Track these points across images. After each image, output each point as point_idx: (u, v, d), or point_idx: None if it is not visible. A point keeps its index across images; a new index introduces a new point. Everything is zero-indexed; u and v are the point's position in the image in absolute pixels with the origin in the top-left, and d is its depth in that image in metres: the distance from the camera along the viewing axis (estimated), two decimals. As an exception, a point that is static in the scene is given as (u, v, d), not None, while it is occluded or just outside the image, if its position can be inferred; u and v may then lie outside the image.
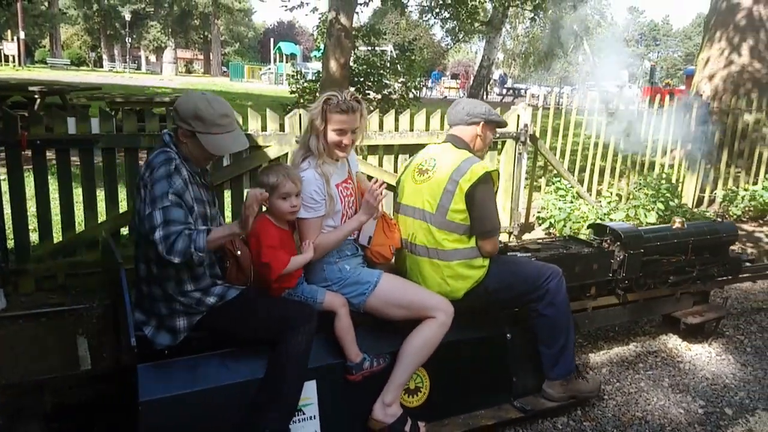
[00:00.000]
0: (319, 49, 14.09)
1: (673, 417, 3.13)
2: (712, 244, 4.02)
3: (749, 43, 7.84)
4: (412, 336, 2.65)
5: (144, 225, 2.13)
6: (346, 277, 2.65)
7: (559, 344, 2.97)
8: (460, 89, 33.35)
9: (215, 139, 2.28)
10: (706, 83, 8.24)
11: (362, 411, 2.60)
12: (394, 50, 14.48)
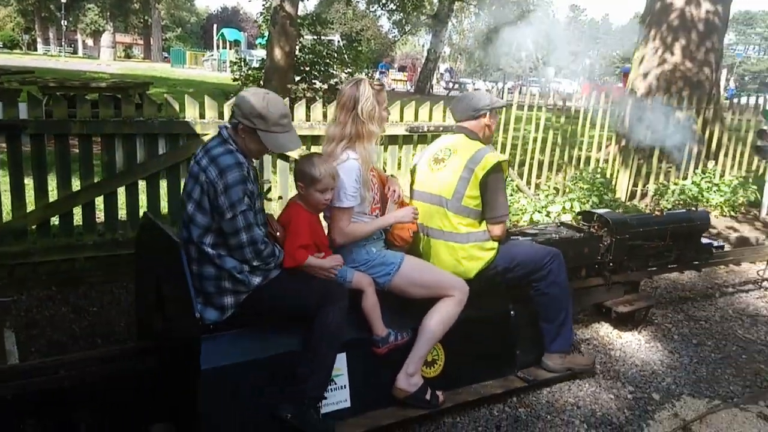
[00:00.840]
0: (264, 37, 13.86)
1: (603, 402, 3.24)
2: (687, 231, 4.32)
3: (681, 43, 8.16)
4: (432, 313, 2.88)
5: (217, 221, 2.40)
6: (372, 258, 2.85)
7: (559, 320, 3.26)
8: (407, 81, 33.46)
9: (275, 137, 2.47)
10: (641, 81, 8.53)
11: (387, 381, 2.82)
12: (342, 40, 14.40)
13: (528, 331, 3.31)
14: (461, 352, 3.06)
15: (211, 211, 2.41)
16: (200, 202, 2.42)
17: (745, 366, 3.79)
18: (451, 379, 3.03)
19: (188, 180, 2.49)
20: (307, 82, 11.57)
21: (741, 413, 3.20)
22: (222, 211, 2.38)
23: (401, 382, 2.83)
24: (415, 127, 5.22)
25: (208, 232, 2.44)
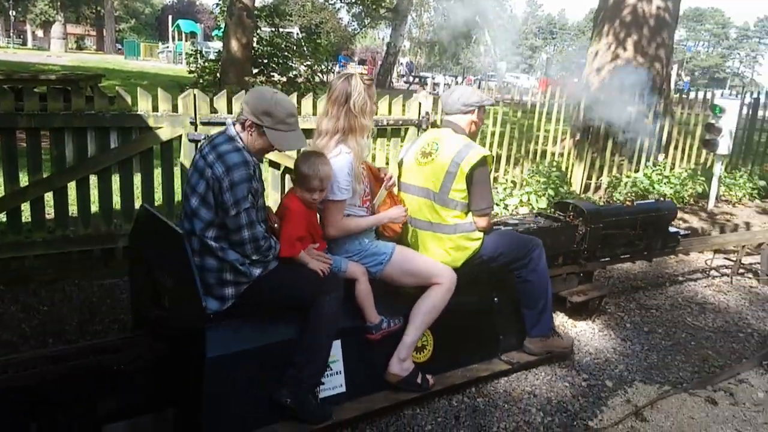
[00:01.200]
0: (221, 28, 13.61)
1: (558, 390, 3.31)
2: (656, 220, 4.52)
3: (633, 38, 8.38)
4: (422, 300, 3.03)
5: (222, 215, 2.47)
6: (365, 248, 2.97)
7: (540, 306, 3.43)
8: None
9: (281, 135, 2.54)
10: (595, 76, 8.72)
11: (380, 366, 2.96)
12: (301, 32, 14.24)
13: (510, 318, 3.50)
14: (449, 338, 3.21)
15: (216, 206, 2.49)
16: (205, 197, 2.49)
17: (694, 352, 3.92)
18: (439, 364, 3.19)
19: (192, 174, 2.56)
20: (266, 74, 11.41)
21: (690, 398, 3.31)
22: (227, 207, 2.46)
23: (394, 367, 2.96)
24: (375, 120, 5.21)
25: (211, 226, 2.52)
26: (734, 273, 5.34)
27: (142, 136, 4.25)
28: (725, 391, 3.42)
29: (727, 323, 4.42)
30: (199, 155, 2.57)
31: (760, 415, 3.18)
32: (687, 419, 3.11)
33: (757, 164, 9.00)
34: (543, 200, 6.21)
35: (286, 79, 11.49)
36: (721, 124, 6.52)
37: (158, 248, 2.77)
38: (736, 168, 8.70)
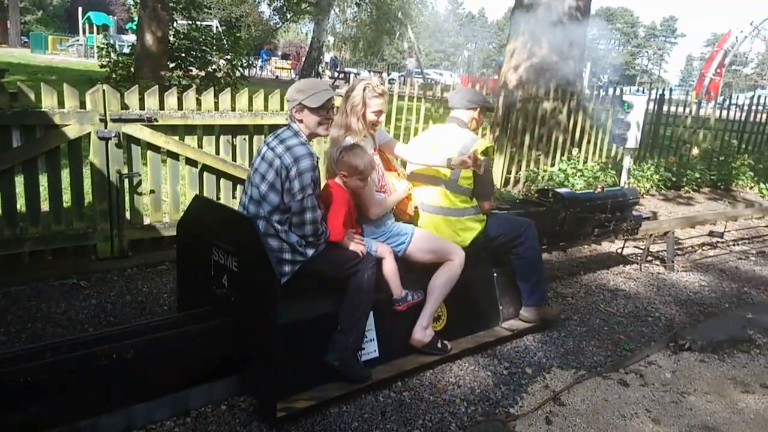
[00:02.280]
0: (134, 21, 13.04)
1: (482, 380, 3.39)
2: (622, 205, 5.06)
3: (548, 37, 8.67)
4: (438, 274, 3.46)
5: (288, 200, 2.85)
6: (389, 230, 3.40)
7: (534, 279, 3.93)
8: (291, 70, 32.96)
9: (316, 96, 2.91)
10: (513, 73, 8.98)
11: (406, 334, 3.41)
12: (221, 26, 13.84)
13: (507, 290, 3.99)
14: (459, 309, 3.68)
15: (283, 192, 2.85)
16: (274, 184, 2.87)
17: (607, 337, 4.12)
18: (452, 332, 3.64)
19: (260, 164, 2.94)
20: (183, 69, 11.02)
21: (604, 381, 3.47)
22: (294, 193, 2.83)
23: (417, 334, 3.40)
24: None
25: (277, 210, 2.89)
26: (643, 261, 5.64)
27: (47, 134, 4.00)
28: (636, 373, 3.61)
29: (637, 308, 4.67)
30: (266, 148, 2.96)
31: (668, 395, 3.38)
32: (601, 401, 3.26)
33: (663, 157, 9.56)
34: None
35: (205, 74, 11.15)
36: (629, 119, 6.87)
37: (221, 232, 3.03)
38: (644, 160, 9.21)
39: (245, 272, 2.89)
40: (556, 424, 3.02)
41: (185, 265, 3.38)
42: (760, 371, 3.76)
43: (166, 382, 2.77)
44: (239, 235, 2.89)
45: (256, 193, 2.92)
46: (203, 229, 3.16)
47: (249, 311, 2.90)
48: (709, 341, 3.97)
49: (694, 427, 3.08)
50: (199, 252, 3.15)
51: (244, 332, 2.93)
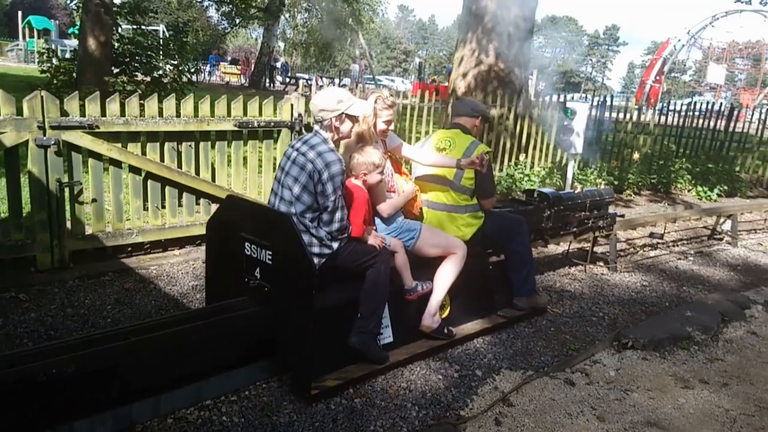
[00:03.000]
0: (77, 25, 12.63)
1: (433, 383, 3.42)
2: (600, 204, 5.52)
3: (495, 45, 8.85)
4: (443, 266, 3.78)
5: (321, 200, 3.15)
6: (400, 226, 3.69)
7: (525, 271, 4.27)
8: (241, 75, 32.54)
9: (355, 105, 3.25)
10: (461, 80, 9.12)
11: (416, 321, 3.75)
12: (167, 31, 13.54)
13: (500, 282, 4.34)
14: (460, 299, 4.02)
15: (315, 193, 3.15)
16: (306, 186, 3.16)
17: (554, 337, 4.22)
18: (455, 319, 4.01)
19: (291, 167, 3.22)
20: (128, 74, 10.73)
21: (551, 381, 3.55)
22: (327, 194, 3.14)
23: (426, 321, 3.74)
24: (245, 122, 5.08)
25: (309, 209, 3.19)
26: (588, 262, 5.81)
27: (-21, 142, 3.84)
28: (581, 372, 3.71)
29: (582, 309, 4.80)
30: (296, 153, 3.23)
31: (612, 393, 3.48)
32: (548, 401, 3.33)
33: (605, 161, 9.88)
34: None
35: (151, 79, 10.87)
36: (573, 125, 7.07)
37: (255, 229, 3.32)
38: (587, 165, 9.49)
39: (281, 264, 3.19)
40: (505, 424, 3.06)
41: (214, 261, 3.67)
42: (699, 367, 3.91)
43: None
44: (275, 231, 3.19)
45: (288, 194, 3.24)
46: (236, 226, 3.43)
47: (285, 299, 3.19)
48: (650, 339, 4.11)
49: (637, 423, 3.18)
50: (230, 248, 3.45)
51: (279, 318, 3.23)
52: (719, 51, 37.84)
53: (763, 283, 5.81)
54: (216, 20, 38.38)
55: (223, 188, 5.12)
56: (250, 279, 3.35)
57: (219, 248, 3.60)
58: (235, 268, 3.43)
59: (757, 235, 8.02)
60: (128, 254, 4.79)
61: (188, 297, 4.34)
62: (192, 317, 3.15)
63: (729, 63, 38.69)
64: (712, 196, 10.00)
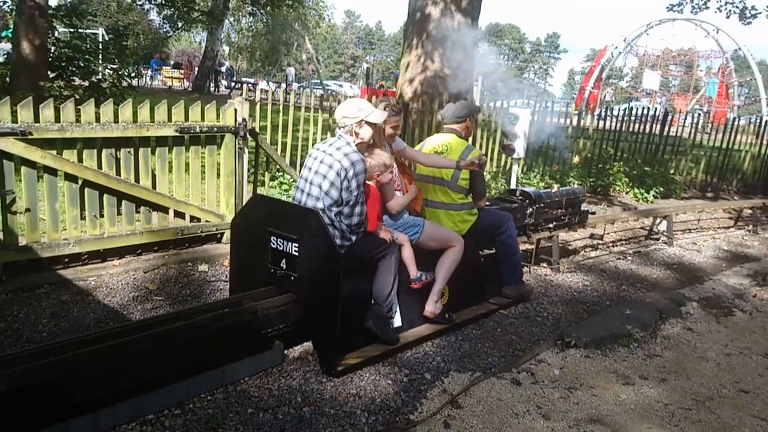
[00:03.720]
0: (10, 29, 12.10)
1: (382, 389, 3.42)
2: (574, 201, 6.11)
3: (440, 51, 8.99)
4: (443, 258, 4.20)
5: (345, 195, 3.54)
6: (405, 222, 4.10)
7: (513, 262, 4.78)
8: (184, 80, 31.87)
9: (374, 113, 3.68)
10: (408, 86, 9.21)
11: (420, 307, 4.17)
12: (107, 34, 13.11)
13: (490, 273, 4.79)
14: (457, 288, 4.42)
15: (341, 189, 3.52)
16: (334, 183, 3.53)
17: (500, 338, 4.29)
18: (453, 306, 4.41)
19: (319, 167, 3.61)
20: (65, 78, 10.34)
21: (498, 381, 3.61)
22: (351, 190, 3.53)
23: (430, 307, 4.15)
24: (187, 127, 4.97)
25: (334, 204, 3.55)
26: (532, 263, 5.94)
27: None
28: (527, 371, 3.78)
29: (527, 309, 4.90)
30: (324, 154, 3.63)
31: (556, 391, 3.56)
32: (496, 401, 3.38)
33: (547, 165, 10.14)
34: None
35: (89, 84, 10.51)
36: (515, 129, 7.23)
37: (282, 223, 3.63)
38: (531, 169, 9.72)
39: (309, 254, 3.52)
40: (453, 427, 3.09)
41: (239, 255, 4.00)
42: (639, 363, 4.05)
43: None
44: (303, 225, 3.52)
45: (317, 191, 3.61)
46: (262, 222, 3.74)
47: (312, 286, 3.53)
48: (592, 338, 4.24)
49: (581, 420, 3.26)
50: (255, 242, 3.79)
51: (307, 304, 3.58)
52: (654, 58, 39.49)
53: (698, 281, 6.08)
54: (158, 23, 37.49)
55: (164, 196, 4.99)
56: (277, 269, 3.69)
57: (244, 243, 3.93)
58: (259, 260, 3.78)
59: (691, 234, 8.39)
60: (65, 265, 4.59)
61: (129, 309, 4.20)
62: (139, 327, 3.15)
63: (663, 69, 40.43)
64: (648, 198, 10.39)
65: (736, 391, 3.73)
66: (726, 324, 4.89)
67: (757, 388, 3.80)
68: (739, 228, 9.06)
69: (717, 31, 34.22)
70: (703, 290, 5.68)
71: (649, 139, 11.42)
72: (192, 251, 5.27)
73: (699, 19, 32.89)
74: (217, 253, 5.30)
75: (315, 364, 3.58)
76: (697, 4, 13.57)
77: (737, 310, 5.23)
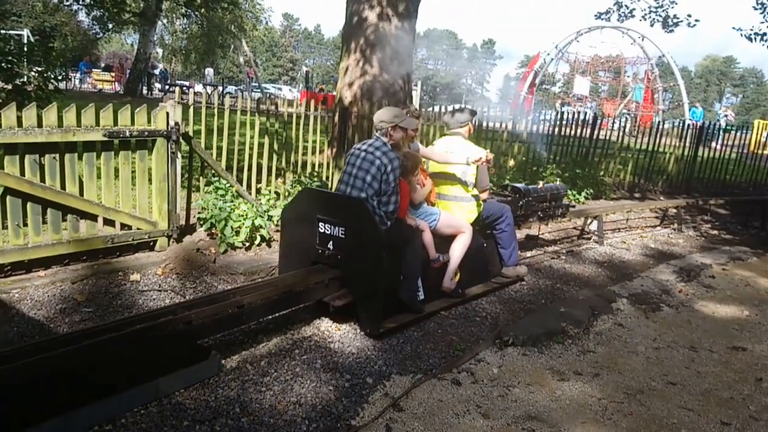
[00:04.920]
0: None
1: (323, 395, 3.38)
2: (557, 196, 6.85)
3: (378, 56, 9.00)
4: (456, 242, 4.94)
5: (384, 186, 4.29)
6: (425, 211, 4.85)
7: (511, 247, 5.59)
8: (116, 82, 30.74)
9: (408, 120, 4.58)
10: (347, 90, 9.17)
11: (438, 283, 4.88)
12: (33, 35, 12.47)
13: (492, 256, 5.64)
14: (466, 268, 5.14)
15: (381, 181, 4.26)
16: (376, 176, 4.27)
17: (441, 339, 4.33)
18: (464, 284, 5.16)
19: (362, 163, 4.35)
20: (-16, 81, 9.76)
21: (439, 382, 3.64)
22: (390, 182, 4.29)
23: (446, 283, 4.91)
24: (116, 132, 4.78)
25: (376, 194, 4.28)
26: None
27: None
28: (467, 371, 3.83)
29: (467, 309, 4.98)
30: (364, 153, 4.39)
31: (495, 389, 3.63)
32: (437, 403, 3.40)
33: (486, 168, 10.30)
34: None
35: (12, 87, 9.96)
36: (454, 133, 7.31)
37: (330, 210, 4.38)
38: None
39: (355, 237, 4.23)
40: (395, 430, 3.09)
41: (287, 240, 4.69)
42: (573, 359, 4.18)
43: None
44: (350, 212, 4.27)
45: (360, 183, 4.32)
46: (310, 210, 4.47)
47: (358, 263, 4.24)
48: (529, 335, 4.34)
49: (519, 418, 3.33)
50: (304, 228, 4.49)
51: (352, 278, 4.32)
52: (584, 64, 40.97)
53: (627, 278, 6.33)
54: (87, 25, 36.03)
55: (92, 203, 4.78)
56: (324, 250, 4.40)
57: (293, 229, 4.63)
58: (307, 243, 4.47)
59: (621, 233, 8.75)
60: (-16, 278, 4.33)
61: (56, 321, 4.00)
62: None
63: (593, 76, 42.00)
64: (580, 199, 10.75)
65: (665, 384, 3.90)
66: (654, 319, 5.11)
67: (684, 379, 3.98)
68: (665, 227, 9.51)
69: (642, 38, 35.84)
70: (633, 287, 5.92)
71: (580, 143, 11.82)
72: (123, 260, 5.07)
73: (625, 27, 34.39)
74: (150, 261, 5.12)
75: (253, 374, 3.52)
76: (624, 12, 14.14)
77: (664, 305, 5.48)
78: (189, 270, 5.16)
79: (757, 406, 3.69)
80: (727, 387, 3.92)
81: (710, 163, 12.59)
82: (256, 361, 3.70)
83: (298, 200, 4.67)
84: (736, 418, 3.51)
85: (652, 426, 3.35)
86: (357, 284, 4.28)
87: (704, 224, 9.95)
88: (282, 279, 4.24)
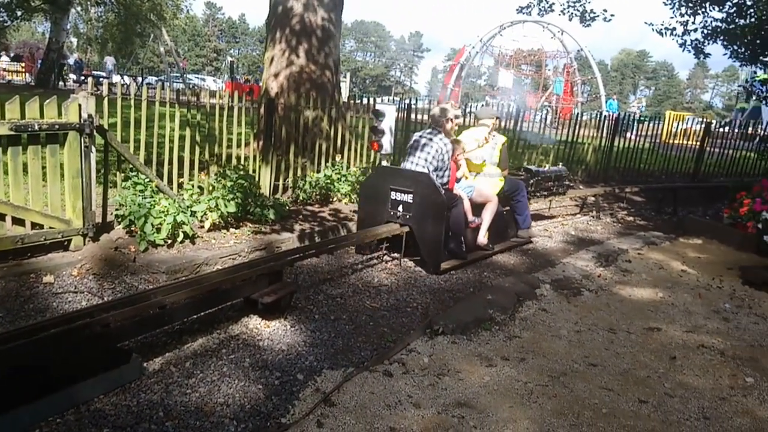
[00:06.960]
0: None
1: (252, 394, 3.31)
2: (560, 177, 8.57)
3: (304, 47, 8.86)
4: (486, 208, 6.53)
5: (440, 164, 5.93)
6: (463, 185, 6.45)
7: (525, 213, 7.27)
8: (26, 73, 28.91)
9: (455, 113, 6.23)
10: (273, 81, 8.98)
11: (474, 238, 6.50)
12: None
13: (510, 221, 7.33)
14: (493, 230, 6.68)
15: (438, 160, 5.86)
16: (435, 156, 5.85)
17: (372, 332, 4.33)
18: (491, 241, 6.70)
19: (425, 145, 5.96)
20: None
21: (370, 375, 3.63)
22: (444, 161, 5.90)
23: (480, 239, 6.50)
24: (23, 125, 4.48)
25: (435, 169, 5.85)
26: (402, 256, 6.07)
27: None
28: (399, 362, 3.85)
29: (398, 301, 5.00)
30: (425, 139, 6.00)
31: (426, 379, 3.66)
32: (368, 395, 3.40)
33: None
34: (232, 205, 6.14)
35: None
36: (383, 126, 7.35)
37: (401, 181, 5.85)
38: (399, 163, 9.91)
39: (422, 201, 5.70)
40: (327, 425, 3.06)
41: (364, 207, 6.22)
42: (500, 345, 4.28)
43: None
44: (418, 182, 5.71)
45: (422, 162, 5.90)
46: (385, 181, 5.99)
47: (424, 220, 5.73)
48: (458, 324, 4.41)
49: (449, 405, 3.37)
50: (378, 196, 6.00)
51: (419, 231, 5.79)
52: (508, 58, 42.07)
53: (550, 265, 6.55)
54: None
55: (-1, 201, 4.47)
56: (396, 212, 5.90)
57: (369, 198, 6.13)
58: (381, 208, 5.98)
59: (543, 221, 9.03)
60: None
61: (-42, 330, 3.71)
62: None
63: (516, 69, 43.20)
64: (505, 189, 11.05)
65: (586, 365, 4.06)
66: (575, 303, 5.31)
67: (604, 361, 4.16)
68: (584, 214, 9.90)
69: (562, 32, 37.18)
70: (555, 273, 6.12)
71: (504, 134, 12.12)
72: (35, 261, 4.78)
73: (546, 22, 35.56)
74: (65, 262, 4.85)
75: (178, 376, 3.40)
76: (544, 6, 14.57)
77: (585, 290, 5.71)
78: (107, 270, 4.93)
79: (671, 383, 3.90)
80: (643, 366, 4.12)
81: (626, 153, 13.22)
82: (180, 363, 3.57)
83: (373, 174, 6.29)
84: (653, 396, 3.70)
85: (575, 407, 3.48)
86: (423, 236, 5.75)
87: (621, 211, 10.43)
88: (207, 277, 4.10)
